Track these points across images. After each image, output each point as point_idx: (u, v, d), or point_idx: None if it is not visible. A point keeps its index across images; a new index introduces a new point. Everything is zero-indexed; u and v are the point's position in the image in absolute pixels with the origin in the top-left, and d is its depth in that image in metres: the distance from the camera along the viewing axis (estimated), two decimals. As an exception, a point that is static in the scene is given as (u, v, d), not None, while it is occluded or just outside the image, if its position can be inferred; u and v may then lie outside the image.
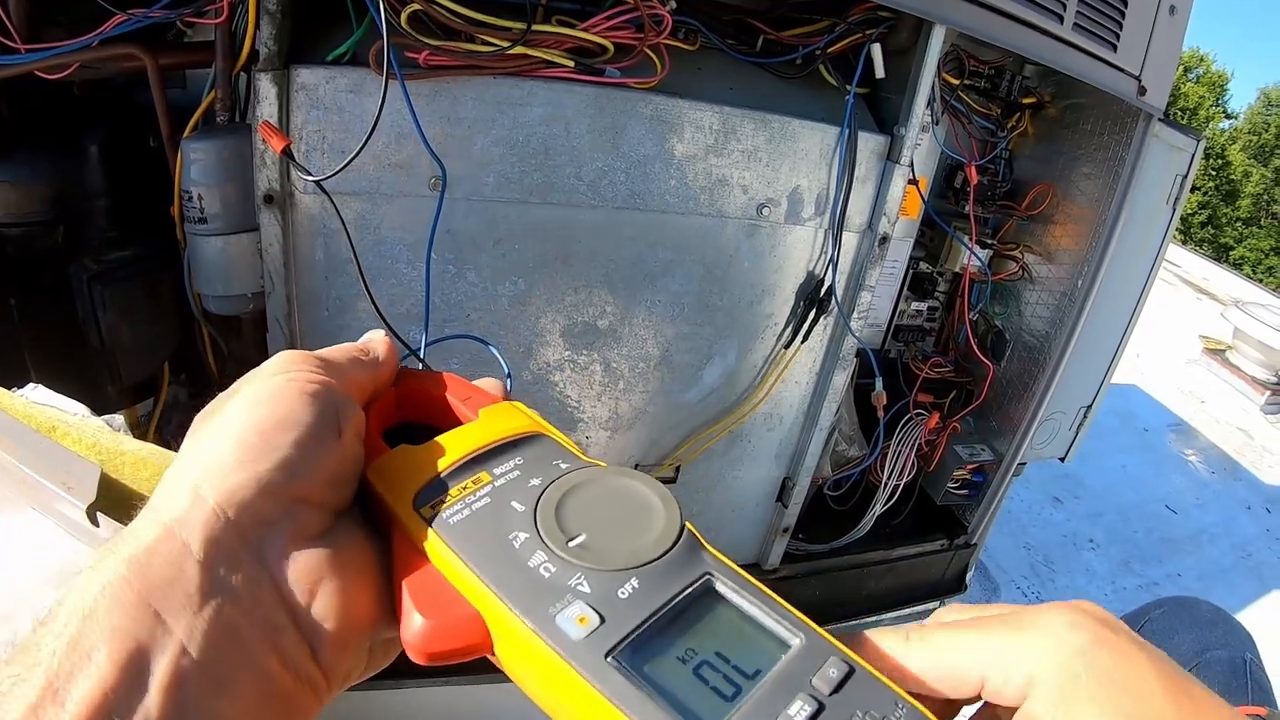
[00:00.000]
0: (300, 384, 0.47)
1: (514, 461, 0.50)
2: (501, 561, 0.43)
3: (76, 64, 1.35)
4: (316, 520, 0.45)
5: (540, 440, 0.53)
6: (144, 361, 1.65)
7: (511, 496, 0.47)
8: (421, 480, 0.48)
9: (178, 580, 0.38)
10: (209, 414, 0.47)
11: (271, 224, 1.29)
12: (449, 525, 0.45)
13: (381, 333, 0.58)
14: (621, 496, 0.47)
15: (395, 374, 0.58)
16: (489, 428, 0.53)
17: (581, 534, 0.44)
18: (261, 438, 0.43)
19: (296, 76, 1.24)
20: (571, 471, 0.49)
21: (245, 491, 0.41)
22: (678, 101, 1.44)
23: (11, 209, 1.55)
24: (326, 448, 0.45)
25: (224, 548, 0.40)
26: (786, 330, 1.73)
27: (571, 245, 1.48)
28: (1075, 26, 1.63)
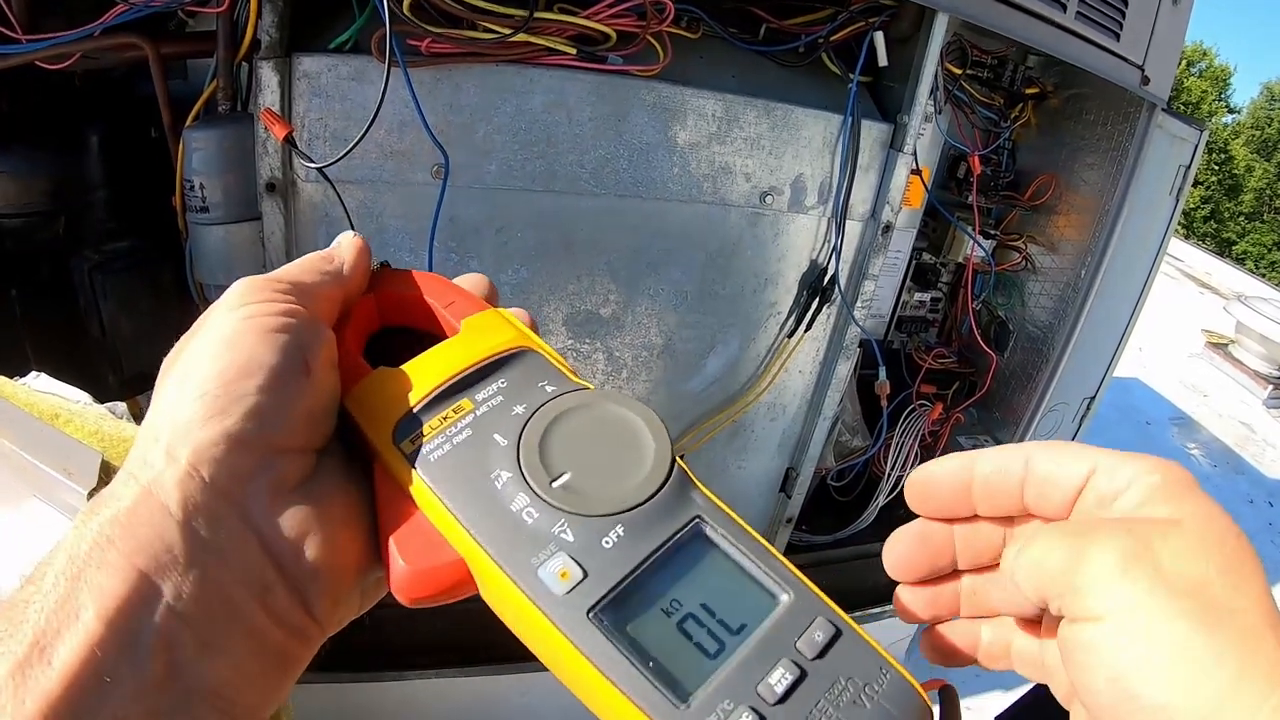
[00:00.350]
0: (260, 320, 0.43)
1: (497, 385, 0.47)
2: (483, 505, 0.42)
3: (77, 54, 1.34)
4: (296, 466, 0.43)
5: (525, 358, 0.50)
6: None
7: (494, 427, 0.45)
8: (400, 410, 0.46)
9: (160, 541, 0.37)
10: (171, 361, 0.44)
11: (274, 212, 1.29)
12: (430, 462, 0.43)
13: (351, 234, 0.54)
14: (609, 426, 0.45)
15: (369, 278, 0.54)
16: (471, 343, 0.50)
17: (566, 472, 0.42)
18: (225, 388, 0.41)
19: (299, 64, 1.23)
20: (557, 396, 0.46)
21: (216, 448, 0.39)
22: (680, 89, 1.44)
23: (11, 200, 1.55)
24: (296, 388, 0.43)
25: (203, 507, 0.39)
26: (790, 319, 1.73)
27: (574, 233, 1.48)
28: (1078, 15, 1.63)
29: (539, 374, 0.48)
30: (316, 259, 0.51)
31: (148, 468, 0.39)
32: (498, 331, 0.51)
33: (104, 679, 0.34)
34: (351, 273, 0.52)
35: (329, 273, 0.50)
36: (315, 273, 0.49)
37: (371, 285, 0.54)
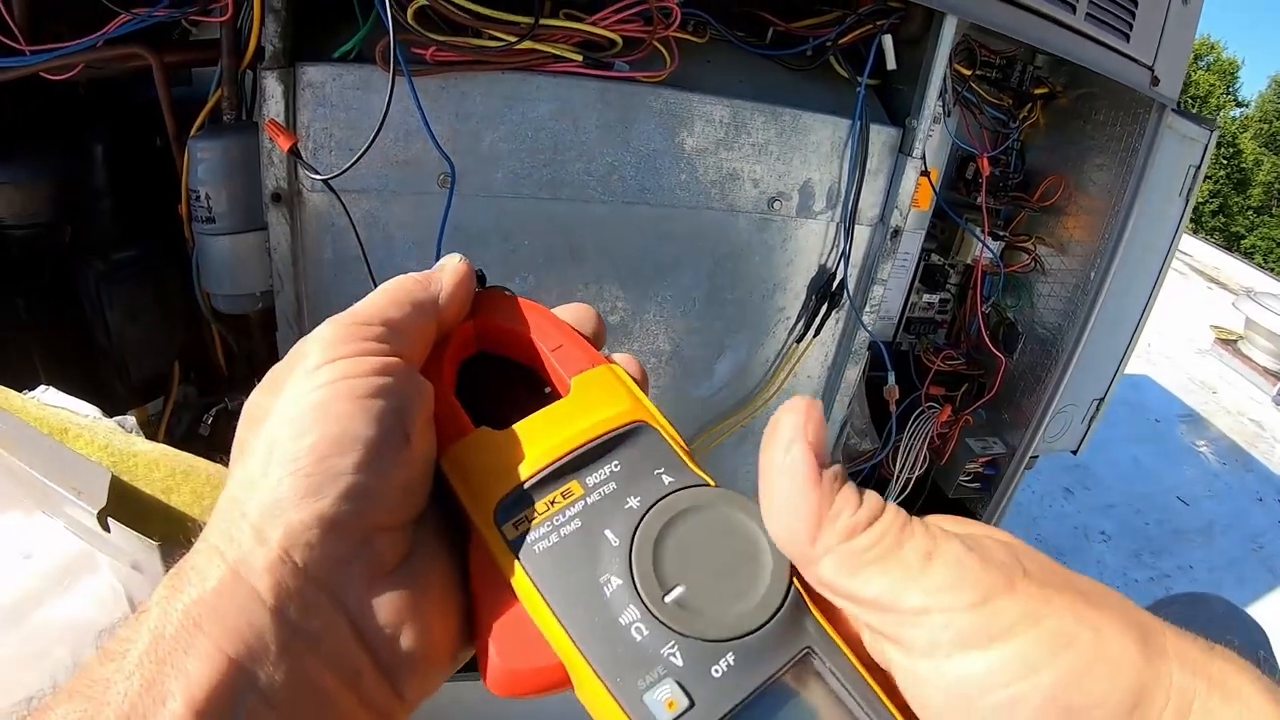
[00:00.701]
0: (353, 384, 0.41)
1: (610, 468, 0.44)
2: (591, 613, 0.39)
3: (81, 64, 1.34)
4: (393, 546, 0.41)
5: (641, 435, 0.46)
6: (152, 361, 1.65)
7: (606, 521, 0.42)
8: (504, 487, 0.43)
9: (250, 628, 0.36)
10: (254, 420, 0.42)
11: (279, 222, 1.29)
12: (534, 554, 0.41)
13: (457, 258, 0.52)
14: (728, 534, 0.41)
15: (469, 305, 0.51)
16: (583, 412, 0.46)
17: (679, 585, 0.40)
18: (318, 465, 0.38)
19: (303, 74, 1.23)
20: (674, 492, 0.43)
21: (310, 532, 0.38)
22: (687, 95, 1.43)
23: (17, 209, 1.55)
24: (394, 461, 0.41)
25: (295, 593, 0.37)
26: (798, 324, 1.72)
27: (581, 240, 1.47)
28: (1088, 16, 1.62)
29: (655, 458, 0.46)
30: (411, 285, 0.48)
31: (234, 545, 0.38)
32: (612, 399, 0.48)
33: None
34: (449, 302, 0.49)
35: (424, 303, 0.48)
36: (408, 304, 0.47)
37: (471, 309, 0.52)
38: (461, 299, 0.50)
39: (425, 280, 0.49)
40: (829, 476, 0.38)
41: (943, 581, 0.35)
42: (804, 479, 0.38)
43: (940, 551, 0.37)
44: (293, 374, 0.42)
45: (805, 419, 0.39)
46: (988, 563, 0.36)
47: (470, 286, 0.51)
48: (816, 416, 0.40)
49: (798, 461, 0.38)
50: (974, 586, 0.35)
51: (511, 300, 0.54)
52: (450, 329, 0.50)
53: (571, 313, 0.54)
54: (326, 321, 0.44)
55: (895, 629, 0.37)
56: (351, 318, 0.44)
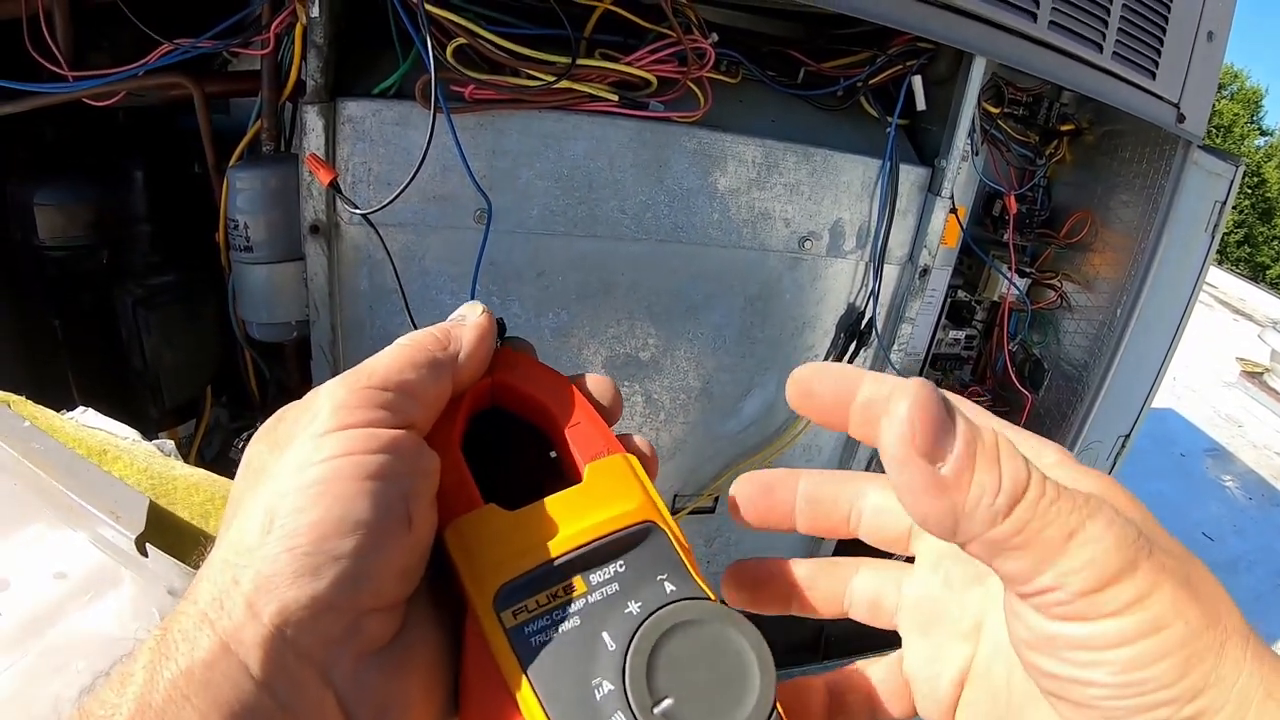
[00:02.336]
0: (358, 462, 0.40)
1: (615, 568, 0.44)
2: (579, 714, 0.39)
3: (123, 92, 1.36)
4: (385, 625, 0.41)
5: (649, 538, 0.46)
6: (186, 384, 1.67)
7: (604, 623, 0.42)
8: (507, 574, 0.43)
9: (238, 701, 0.35)
10: (254, 473, 0.42)
11: (317, 254, 1.30)
12: (530, 647, 0.41)
13: (479, 311, 0.49)
14: (721, 652, 0.41)
15: (489, 360, 0.49)
16: (595, 505, 0.46)
17: (668, 698, 0.39)
18: (317, 544, 0.38)
19: (343, 109, 1.25)
20: (674, 603, 0.43)
21: (303, 612, 0.37)
22: (720, 135, 1.44)
23: (56, 232, 1.57)
24: (394, 545, 0.40)
25: (284, 669, 0.37)
26: (827, 362, 1.72)
27: (614, 277, 1.48)
28: (1114, 55, 1.63)
29: (660, 563, 0.45)
30: (428, 342, 0.46)
31: (225, 616, 0.37)
32: (625, 494, 0.47)
33: None
34: (468, 363, 0.47)
35: (441, 364, 0.46)
36: (424, 365, 0.45)
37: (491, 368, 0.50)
38: (481, 359, 0.48)
39: (445, 338, 0.47)
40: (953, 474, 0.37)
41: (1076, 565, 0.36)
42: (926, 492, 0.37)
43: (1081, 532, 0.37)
44: (298, 435, 0.41)
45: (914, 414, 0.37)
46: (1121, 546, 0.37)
47: (491, 344, 0.49)
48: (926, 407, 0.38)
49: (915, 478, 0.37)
50: (1101, 573, 0.36)
51: (531, 362, 0.53)
52: (466, 388, 0.49)
53: (592, 384, 0.52)
54: (339, 379, 0.43)
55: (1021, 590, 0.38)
56: (367, 379, 0.43)
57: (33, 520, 0.99)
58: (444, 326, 0.48)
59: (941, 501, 0.37)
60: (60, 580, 0.95)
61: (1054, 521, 0.37)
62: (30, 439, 1.04)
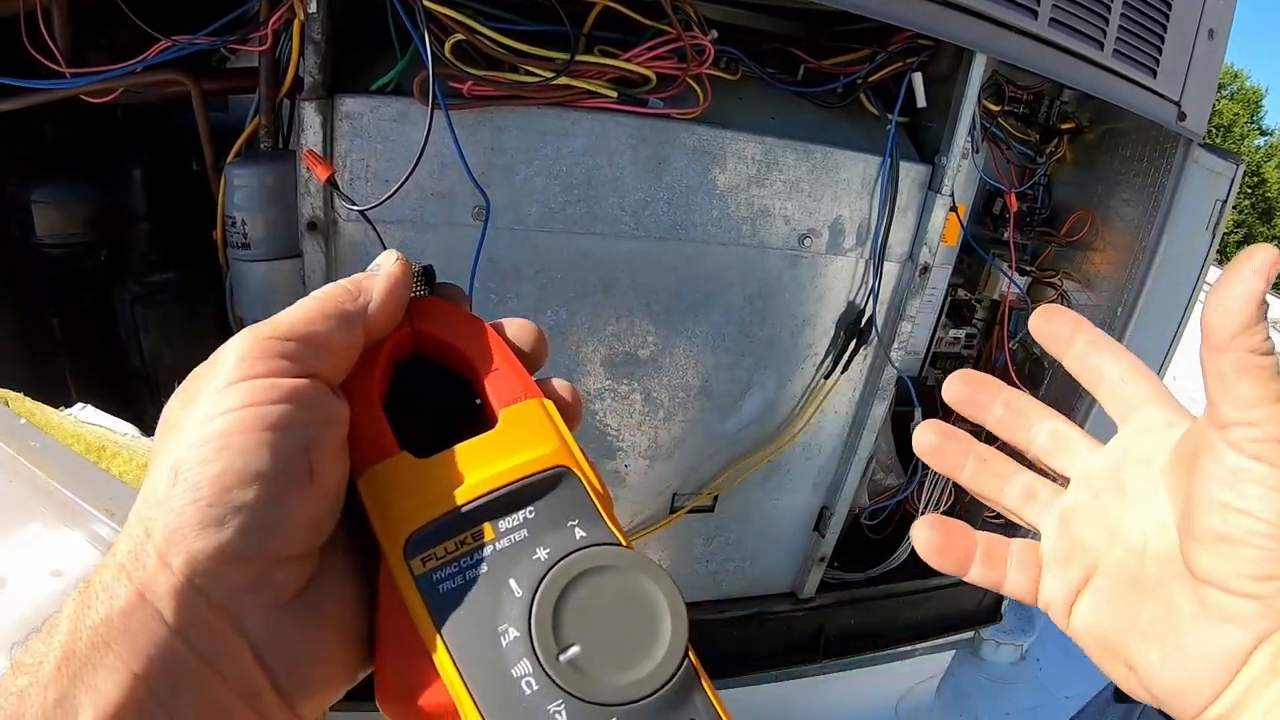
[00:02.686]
0: (258, 412, 0.40)
1: (524, 515, 0.44)
2: (485, 660, 0.40)
3: (121, 89, 1.35)
4: (295, 574, 0.41)
5: (561, 481, 0.46)
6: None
7: (511, 570, 0.42)
8: (418, 521, 0.43)
9: (155, 648, 0.36)
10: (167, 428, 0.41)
11: (315, 251, 1.30)
12: (438, 593, 0.41)
13: (394, 258, 0.48)
14: (630, 599, 0.42)
15: (401, 313, 0.49)
16: (507, 450, 0.46)
17: (575, 644, 0.40)
18: (220, 496, 0.38)
19: (341, 105, 1.25)
20: (583, 549, 0.43)
21: (210, 561, 0.37)
22: (720, 132, 1.44)
23: (55, 229, 1.57)
24: (296, 497, 0.40)
25: (196, 617, 0.37)
26: (826, 360, 1.73)
27: (613, 275, 1.48)
28: (1115, 53, 1.62)
29: (571, 508, 0.45)
30: (338, 294, 0.46)
31: (140, 568, 0.37)
32: (539, 439, 0.47)
33: None
34: (379, 313, 0.47)
35: (349, 315, 0.45)
36: (333, 317, 0.45)
37: (410, 315, 0.50)
38: (392, 309, 0.48)
39: (355, 289, 0.47)
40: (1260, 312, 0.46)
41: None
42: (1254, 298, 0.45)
43: None
44: (205, 388, 0.41)
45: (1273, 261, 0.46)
46: None
47: (405, 295, 0.49)
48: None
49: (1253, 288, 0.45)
50: None
51: (451, 310, 0.51)
52: (380, 338, 0.48)
53: (514, 328, 0.52)
54: (244, 331, 0.43)
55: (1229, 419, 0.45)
56: (271, 330, 0.43)
57: (30, 518, 0.99)
58: (356, 277, 0.48)
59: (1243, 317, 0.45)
60: (57, 578, 0.95)
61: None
62: (27, 437, 1.04)
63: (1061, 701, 2.62)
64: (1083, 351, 0.61)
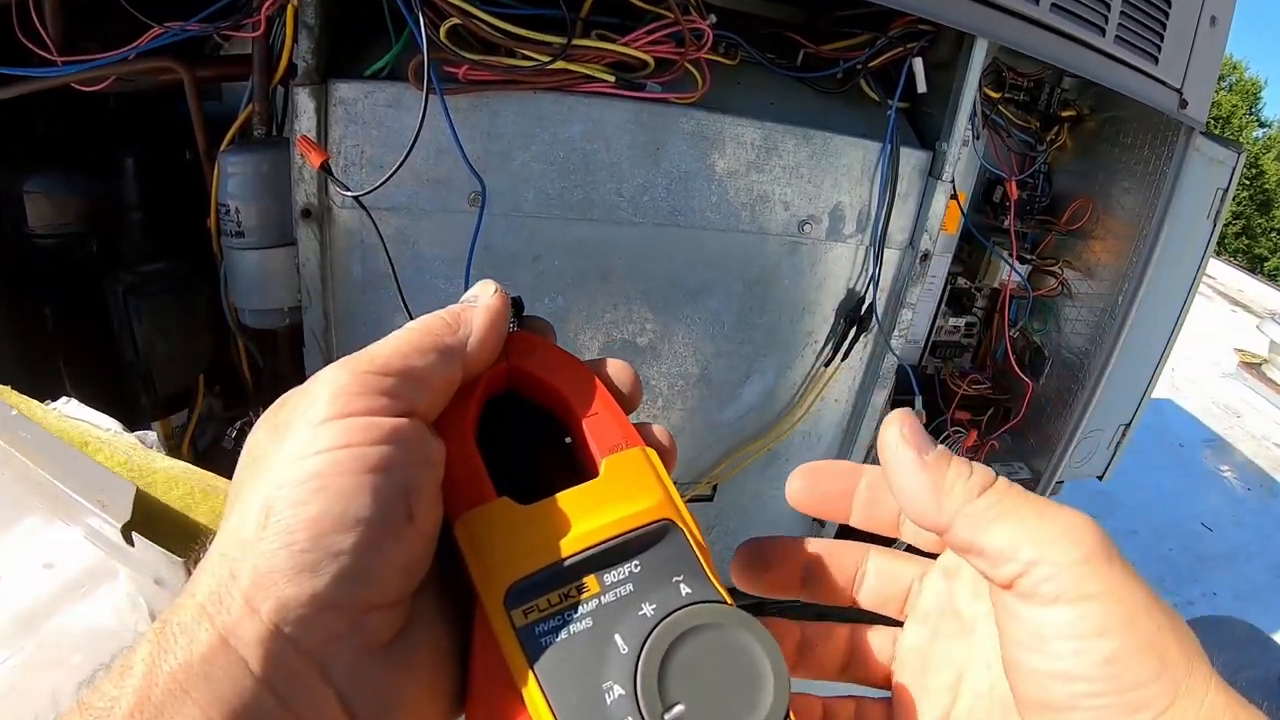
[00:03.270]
0: (358, 457, 0.38)
1: (630, 568, 0.43)
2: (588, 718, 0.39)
3: (113, 77, 1.34)
4: (387, 623, 0.39)
5: (666, 536, 0.45)
6: (178, 373, 1.65)
7: (617, 625, 0.41)
8: (519, 571, 0.42)
9: (239, 698, 0.35)
10: (253, 462, 0.41)
11: (309, 238, 1.29)
12: (541, 647, 0.40)
13: (492, 290, 0.47)
14: (735, 657, 0.40)
15: (501, 344, 0.47)
16: (612, 501, 0.45)
17: (679, 704, 0.39)
18: (315, 541, 0.37)
19: (335, 91, 1.23)
20: (689, 606, 0.42)
21: (302, 609, 0.36)
22: (719, 117, 1.43)
23: (46, 220, 1.55)
24: (395, 542, 0.39)
25: (283, 666, 0.36)
26: (826, 348, 1.72)
27: (611, 262, 1.47)
28: (1117, 39, 1.61)
29: (676, 564, 0.44)
30: (436, 326, 0.45)
31: (224, 611, 0.36)
32: (643, 490, 0.46)
33: None
34: (479, 349, 0.45)
35: (450, 349, 0.44)
36: (431, 350, 0.43)
37: (505, 349, 0.48)
38: (493, 344, 0.46)
39: (455, 322, 0.45)
40: (934, 458, 0.46)
41: (1052, 535, 0.42)
42: (914, 466, 0.46)
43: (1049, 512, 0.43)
44: (296, 422, 0.40)
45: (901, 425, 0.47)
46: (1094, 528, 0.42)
47: (504, 328, 0.47)
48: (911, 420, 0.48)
49: (906, 457, 0.46)
50: (1078, 544, 0.41)
51: (549, 347, 0.51)
52: (477, 373, 0.47)
53: (612, 370, 0.51)
54: (340, 363, 0.41)
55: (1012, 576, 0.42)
56: (369, 364, 0.41)
57: (22, 512, 0.98)
58: (454, 309, 0.46)
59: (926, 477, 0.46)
60: (50, 572, 0.94)
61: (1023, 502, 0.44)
62: (18, 428, 1.03)
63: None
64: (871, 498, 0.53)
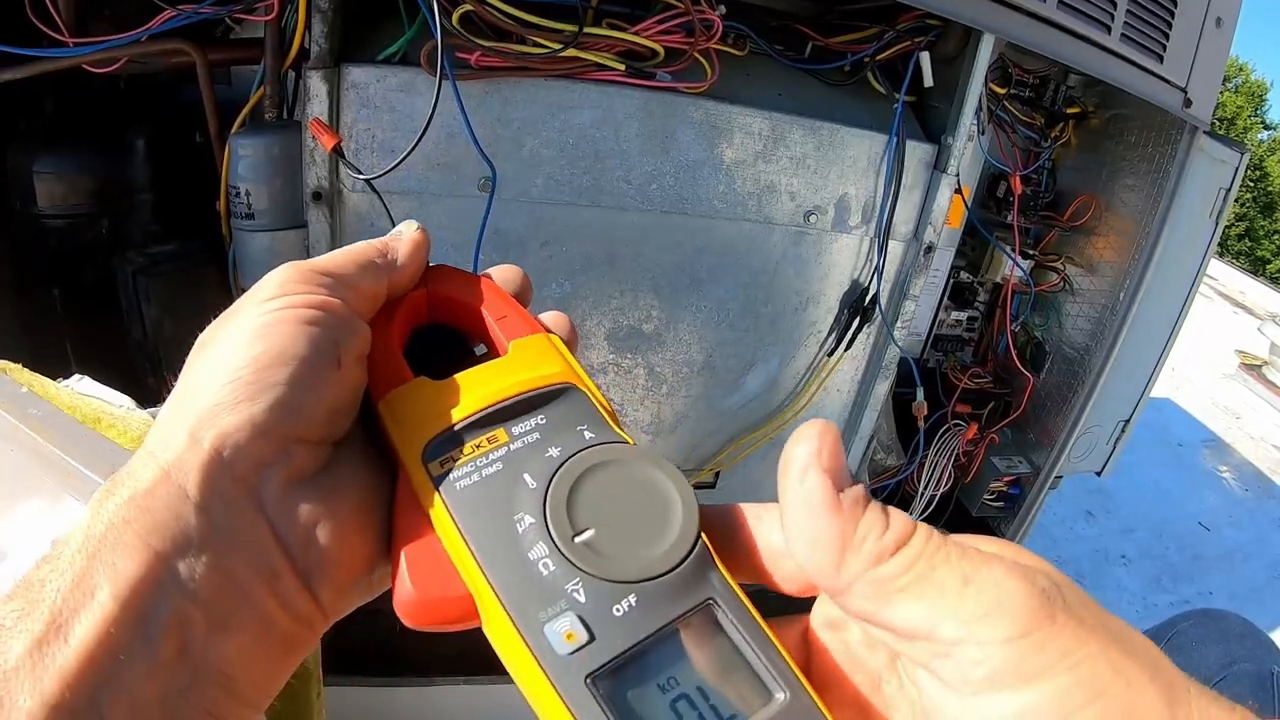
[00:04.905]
0: (296, 312, 0.43)
1: (536, 420, 0.46)
2: (501, 546, 0.41)
3: (125, 59, 1.35)
4: (313, 457, 0.43)
5: (569, 395, 0.48)
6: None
7: (525, 466, 0.44)
8: (434, 429, 0.45)
9: (176, 523, 0.38)
10: (202, 345, 0.44)
11: (319, 221, 1.30)
12: (455, 490, 0.43)
13: (414, 226, 0.53)
14: (641, 486, 0.43)
15: (420, 273, 0.53)
16: (516, 370, 0.48)
17: (590, 528, 0.41)
18: (255, 375, 0.41)
19: (348, 75, 1.24)
20: (594, 446, 0.45)
21: (240, 434, 0.40)
22: (727, 107, 1.44)
23: (57, 201, 1.56)
24: (323, 381, 0.43)
25: (220, 491, 0.39)
26: (830, 338, 1.73)
27: (618, 248, 1.48)
28: (1123, 37, 1.62)
29: (580, 416, 0.47)
30: (367, 250, 0.50)
31: (167, 448, 0.39)
32: (545, 361, 0.50)
33: (119, 657, 0.35)
34: (402, 270, 0.51)
35: (378, 266, 0.50)
36: (361, 265, 0.49)
37: (424, 280, 0.54)
38: (413, 270, 0.52)
39: (383, 247, 0.51)
40: (849, 500, 0.38)
41: (980, 610, 0.35)
42: (822, 506, 0.38)
43: (979, 577, 0.36)
44: (245, 303, 0.45)
45: (819, 444, 0.40)
46: (1030, 590, 0.35)
47: (423, 257, 0.53)
48: (831, 441, 0.40)
49: (814, 489, 0.38)
50: (1014, 619, 0.34)
51: (462, 274, 0.55)
52: (400, 293, 0.52)
53: (501, 272, 0.56)
54: (284, 265, 0.46)
55: (927, 658, 0.36)
56: (309, 265, 0.47)
57: (31, 489, 0.99)
58: (384, 239, 0.52)
59: (833, 525, 0.38)
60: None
61: (945, 564, 0.36)
62: (28, 405, 1.04)
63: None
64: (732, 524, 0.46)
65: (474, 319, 0.53)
